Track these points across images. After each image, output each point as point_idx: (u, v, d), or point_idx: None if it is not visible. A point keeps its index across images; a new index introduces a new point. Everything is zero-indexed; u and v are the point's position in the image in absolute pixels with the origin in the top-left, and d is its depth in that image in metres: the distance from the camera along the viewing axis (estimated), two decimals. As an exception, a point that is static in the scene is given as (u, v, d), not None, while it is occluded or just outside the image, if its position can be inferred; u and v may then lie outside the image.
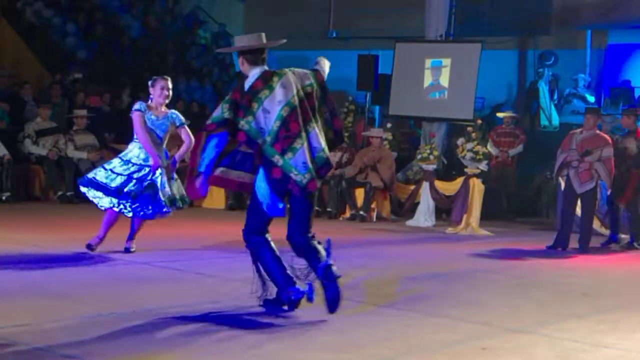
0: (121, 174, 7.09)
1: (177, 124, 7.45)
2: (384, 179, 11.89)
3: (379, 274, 7.08)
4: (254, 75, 5.15)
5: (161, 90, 7.38)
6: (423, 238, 10.29)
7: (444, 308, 5.76)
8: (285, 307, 5.25)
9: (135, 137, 7.25)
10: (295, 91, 5.12)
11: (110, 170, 7.13)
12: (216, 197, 12.50)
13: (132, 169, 7.12)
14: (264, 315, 5.26)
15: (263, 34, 5.28)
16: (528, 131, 14.20)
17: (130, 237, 7.41)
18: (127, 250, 7.31)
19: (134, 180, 7.06)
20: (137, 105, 7.32)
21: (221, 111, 5.07)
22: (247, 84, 5.14)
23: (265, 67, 5.20)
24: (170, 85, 7.46)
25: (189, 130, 7.49)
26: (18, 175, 11.92)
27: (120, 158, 7.24)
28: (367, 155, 12.16)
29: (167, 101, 7.45)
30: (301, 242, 5.21)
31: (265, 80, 5.12)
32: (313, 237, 5.26)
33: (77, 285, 5.85)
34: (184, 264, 7.03)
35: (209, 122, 5.08)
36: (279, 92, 5.08)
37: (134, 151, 7.22)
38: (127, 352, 4.22)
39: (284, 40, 5.64)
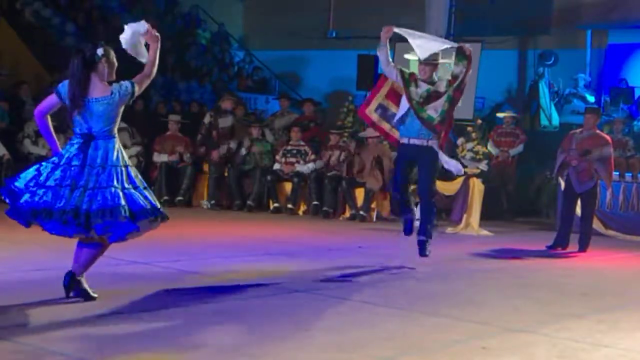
0: None
1: None
2: (385, 176, 11.86)
3: (378, 274, 7.08)
4: None
5: None
6: (423, 238, 10.27)
7: (444, 308, 5.76)
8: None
9: None
10: None
11: None
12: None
13: None
14: (263, 314, 5.26)
15: None
16: (528, 131, 14.20)
17: None
18: None
19: None
20: None
21: None
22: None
23: None
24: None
25: None
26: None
27: None
28: (364, 153, 12.17)
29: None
30: None
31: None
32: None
33: (76, 285, 5.84)
34: (184, 264, 7.03)
35: None
36: None
37: None
38: (127, 352, 4.21)
39: None
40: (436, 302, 5.99)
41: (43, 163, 5.28)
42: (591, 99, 15.66)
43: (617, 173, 10.69)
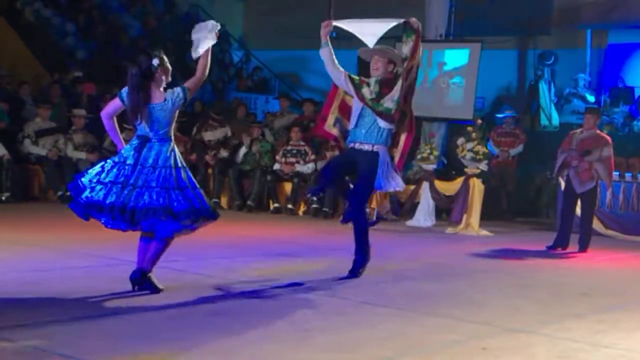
0: None
1: None
2: None
3: (378, 274, 7.07)
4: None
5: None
6: (423, 238, 10.29)
7: (444, 308, 5.76)
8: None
9: None
10: None
11: None
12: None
13: None
14: (263, 314, 5.25)
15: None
16: (528, 131, 14.19)
17: None
18: None
19: None
20: None
21: None
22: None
23: None
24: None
25: None
26: (17, 175, 11.91)
27: None
28: None
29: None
30: None
31: None
32: None
33: (77, 285, 5.85)
34: (184, 264, 7.02)
35: None
36: None
37: None
38: (126, 352, 4.21)
39: None
40: (436, 302, 5.99)
41: (108, 160, 5.74)
42: (591, 99, 15.66)
43: (617, 173, 10.69)
